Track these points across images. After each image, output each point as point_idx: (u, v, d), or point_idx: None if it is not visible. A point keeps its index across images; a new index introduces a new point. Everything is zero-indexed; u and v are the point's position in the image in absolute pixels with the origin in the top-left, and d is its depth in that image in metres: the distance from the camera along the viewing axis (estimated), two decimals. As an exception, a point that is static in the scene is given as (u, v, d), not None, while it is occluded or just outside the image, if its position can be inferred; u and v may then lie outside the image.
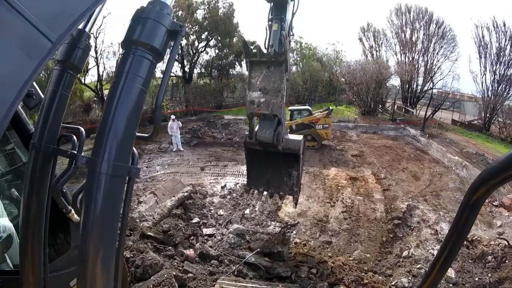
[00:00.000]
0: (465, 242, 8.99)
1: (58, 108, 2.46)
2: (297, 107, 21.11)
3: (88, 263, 1.54)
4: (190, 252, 7.98)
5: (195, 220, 10.06)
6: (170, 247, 8.08)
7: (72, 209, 3.10)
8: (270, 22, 7.37)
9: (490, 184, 1.29)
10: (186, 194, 11.00)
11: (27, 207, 2.51)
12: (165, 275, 6.36)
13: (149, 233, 8.14)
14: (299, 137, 7.80)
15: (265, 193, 8.28)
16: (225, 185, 13.11)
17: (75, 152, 2.53)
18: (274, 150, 7.25)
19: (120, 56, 1.65)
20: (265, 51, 6.89)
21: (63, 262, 3.17)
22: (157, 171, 15.19)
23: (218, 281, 6.76)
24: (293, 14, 7.71)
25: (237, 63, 31.17)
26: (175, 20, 1.69)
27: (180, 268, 7.20)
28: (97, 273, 1.55)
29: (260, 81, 6.86)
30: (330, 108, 20.56)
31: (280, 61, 6.64)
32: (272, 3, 7.42)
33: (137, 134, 1.66)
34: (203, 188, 12.64)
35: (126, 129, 1.53)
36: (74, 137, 2.63)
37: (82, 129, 2.75)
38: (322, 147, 19.51)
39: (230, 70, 32.60)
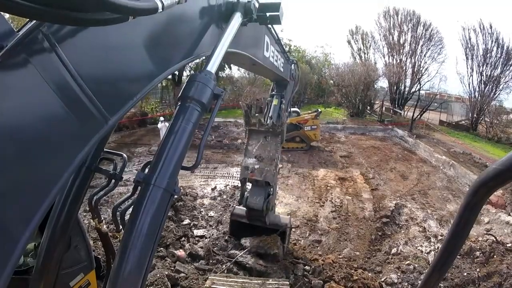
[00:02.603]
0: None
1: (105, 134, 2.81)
2: None
3: (126, 266, 1.68)
4: (181, 252, 7.96)
5: (186, 221, 10.02)
6: (161, 248, 8.05)
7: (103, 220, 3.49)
8: (270, 98, 7.99)
9: (490, 186, 1.30)
10: (176, 196, 10.96)
11: (62, 207, 2.90)
12: (158, 275, 6.37)
13: (140, 235, 8.10)
14: (287, 217, 8.04)
15: None
16: (215, 187, 13.09)
17: (116, 172, 3.13)
18: (260, 225, 7.51)
19: (177, 106, 2.11)
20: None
21: (64, 262, 3.18)
22: (147, 174, 15.01)
23: (209, 277, 6.81)
24: (293, 92, 8.26)
25: (226, 65, 31.12)
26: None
27: (172, 268, 7.19)
28: (133, 273, 1.70)
29: (256, 149, 7.27)
30: (319, 110, 20.74)
31: (277, 132, 7.13)
32: (275, 82, 8.02)
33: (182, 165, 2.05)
34: (193, 190, 12.59)
35: (178, 157, 1.94)
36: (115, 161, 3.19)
37: (125, 156, 3.20)
38: (311, 149, 19.66)
39: (220, 72, 32.54)
